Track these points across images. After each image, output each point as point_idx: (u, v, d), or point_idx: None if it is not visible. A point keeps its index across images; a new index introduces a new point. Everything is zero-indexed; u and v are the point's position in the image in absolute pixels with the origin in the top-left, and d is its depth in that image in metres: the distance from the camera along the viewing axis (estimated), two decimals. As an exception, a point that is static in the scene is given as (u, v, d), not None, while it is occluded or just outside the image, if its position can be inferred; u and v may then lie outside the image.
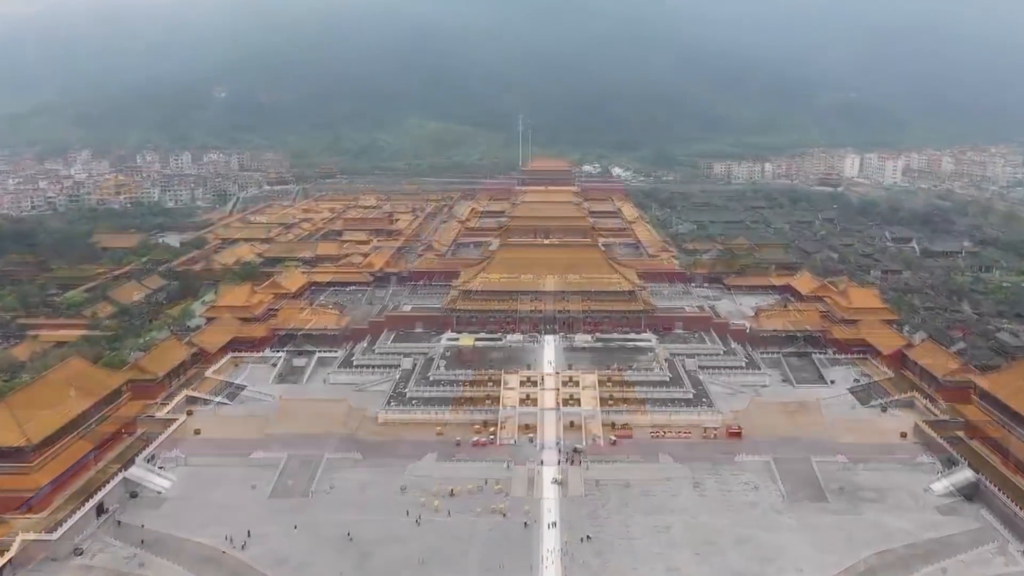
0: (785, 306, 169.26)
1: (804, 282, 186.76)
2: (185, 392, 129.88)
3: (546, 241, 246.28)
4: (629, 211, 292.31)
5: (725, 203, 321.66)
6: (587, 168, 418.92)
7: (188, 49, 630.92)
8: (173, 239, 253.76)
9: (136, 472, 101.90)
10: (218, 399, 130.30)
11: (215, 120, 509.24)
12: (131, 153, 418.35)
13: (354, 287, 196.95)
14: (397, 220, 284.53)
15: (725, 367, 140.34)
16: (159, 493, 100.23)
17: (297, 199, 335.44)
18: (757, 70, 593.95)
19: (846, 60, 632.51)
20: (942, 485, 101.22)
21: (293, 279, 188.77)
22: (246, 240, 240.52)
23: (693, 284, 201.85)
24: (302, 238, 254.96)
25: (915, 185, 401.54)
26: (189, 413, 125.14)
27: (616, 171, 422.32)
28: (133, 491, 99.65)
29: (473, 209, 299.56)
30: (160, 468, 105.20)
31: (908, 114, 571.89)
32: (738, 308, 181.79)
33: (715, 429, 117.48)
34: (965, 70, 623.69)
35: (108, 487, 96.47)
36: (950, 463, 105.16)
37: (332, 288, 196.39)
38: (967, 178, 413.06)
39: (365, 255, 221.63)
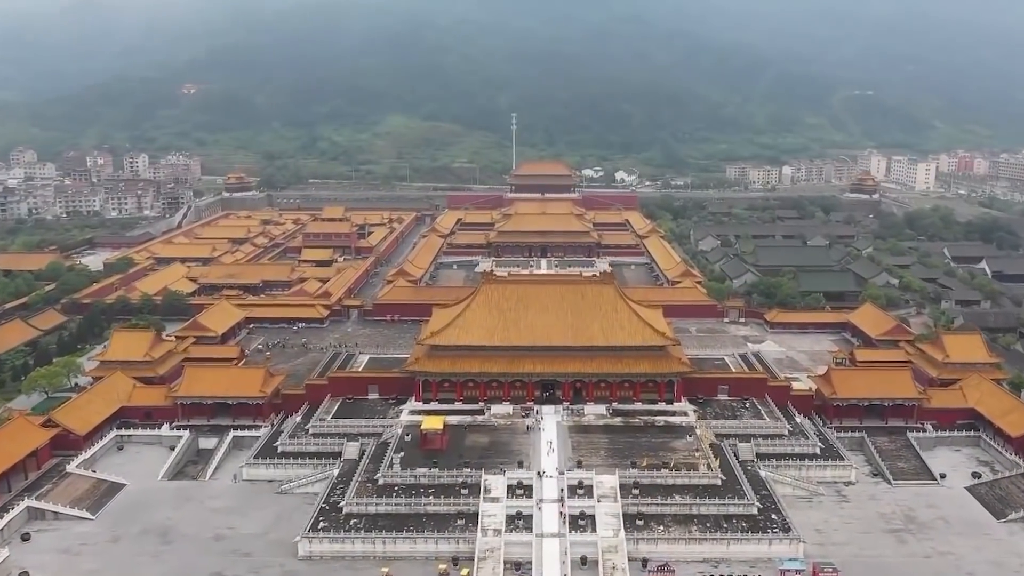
0: (852, 355, 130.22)
1: (870, 319, 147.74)
2: (27, 502, 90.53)
3: (544, 266, 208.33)
4: (639, 223, 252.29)
5: (748, 213, 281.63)
6: (587, 172, 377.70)
7: (161, 47, 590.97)
8: (100, 258, 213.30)
9: None
10: (75, 511, 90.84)
11: (182, 120, 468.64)
12: (83, 155, 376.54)
13: (303, 324, 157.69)
14: (370, 233, 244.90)
15: (793, 455, 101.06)
16: None
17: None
18: (767, 66, 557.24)
19: (862, 56, 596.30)
20: None
21: (222, 316, 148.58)
22: (184, 260, 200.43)
23: (726, 319, 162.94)
24: (254, 257, 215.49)
25: (952, 190, 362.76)
26: (25, 539, 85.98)
27: (620, 175, 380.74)
28: None
29: (459, 220, 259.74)
30: (-66, 660, 66.00)
31: (927, 113, 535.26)
32: (787, 354, 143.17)
33: (799, 572, 78.36)
34: (985, 67, 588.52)
35: None
36: None
37: (277, 325, 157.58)
38: (1006, 183, 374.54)
39: (324, 280, 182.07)
